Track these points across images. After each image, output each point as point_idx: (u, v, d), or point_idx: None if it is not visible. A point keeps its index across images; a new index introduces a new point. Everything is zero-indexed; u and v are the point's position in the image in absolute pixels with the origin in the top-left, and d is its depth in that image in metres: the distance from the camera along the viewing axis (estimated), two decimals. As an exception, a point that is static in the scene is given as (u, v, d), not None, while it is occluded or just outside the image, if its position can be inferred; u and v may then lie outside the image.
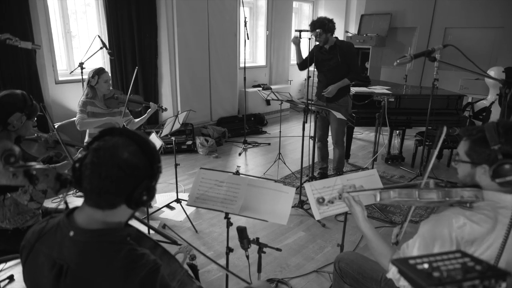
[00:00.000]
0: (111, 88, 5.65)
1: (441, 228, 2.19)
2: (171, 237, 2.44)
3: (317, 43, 6.40)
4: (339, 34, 12.72)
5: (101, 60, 8.36)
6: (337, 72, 6.37)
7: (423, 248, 2.25)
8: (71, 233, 1.75)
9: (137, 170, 1.71)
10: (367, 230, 2.52)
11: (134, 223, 1.95)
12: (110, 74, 8.01)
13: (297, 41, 6.38)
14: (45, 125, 5.87)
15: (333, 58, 6.37)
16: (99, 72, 5.43)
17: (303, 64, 6.61)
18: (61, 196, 6.07)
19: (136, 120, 5.87)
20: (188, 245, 2.47)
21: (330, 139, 6.90)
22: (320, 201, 2.67)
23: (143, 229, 2.26)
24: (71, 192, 6.15)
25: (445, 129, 2.27)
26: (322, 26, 6.13)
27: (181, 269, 1.97)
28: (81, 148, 3.86)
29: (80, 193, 2.09)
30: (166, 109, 5.98)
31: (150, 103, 5.76)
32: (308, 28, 6.28)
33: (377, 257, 2.48)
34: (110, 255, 1.71)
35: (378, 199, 2.38)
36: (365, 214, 2.55)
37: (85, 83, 5.60)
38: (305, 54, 6.60)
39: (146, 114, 5.79)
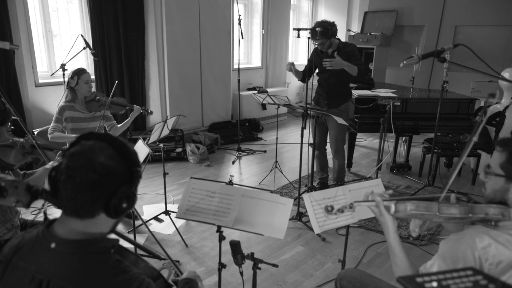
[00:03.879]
0: (93, 90, 5.65)
1: (463, 248, 2.13)
2: (155, 251, 2.45)
3: (317, 46, 6.38)
4: (341, 33, 12.76)
5: (85, 61, 8.38)
6: (340, 78, 6.33)
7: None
8: (53, 245, 1.76)
9: (114, 174, 1.74)
10: (396, 244, 2.43)
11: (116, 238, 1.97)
12: (93, 76, 8.04)
13: (292, 67, 6.40)
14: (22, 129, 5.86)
15: None
16: (79, 72, 5.42)
17: (304, 78, 6.64)
18: (41, 207, 6.07)
19: (119, 125, 5.88)
20: (171, 261, 2.49)
21: (328, 147, 6.90)
22: (329, 210, 2.49)
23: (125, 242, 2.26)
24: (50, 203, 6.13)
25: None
26: (324, 33, 6.06)
27: (167, 285, 2.00)
28: (60, 152, 3.87)
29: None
30: (151, 113, 5.99)
31: (134, 105, 5.77)
32: (307, 26, 6.28)
33: (399, 275, 2.39)
34: (95, 267, 1.73)
35: (392, 210, 2.33)
36: (396, 226, 2.44)
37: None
38: (303, 58, 6.58)
39: (129, 118, 5.81)
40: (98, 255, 1.76)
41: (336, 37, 6.32)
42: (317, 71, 6.61)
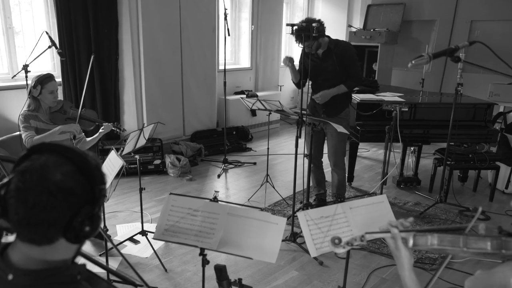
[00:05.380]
0: (58, 98, 5.62)
1: None
2: (129, 277, 2.44)
3: (304, 48, 6.32)
4: (341, 30, 12.82)
5: (50, 61, 8.41)
6: (336, 81, 6.33)
7: None
8: (10, 277, 1.67)
9: (72, 195, 1.65)
10: (412, 285, 2.30)
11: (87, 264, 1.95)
12: (60, 79, 8.02)
13: (290, 63, 6.36)
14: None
15: (329, 66, 6.33)
16: (42, 81, 5.37)
17: (300, 81, 6.62)
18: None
19: (88, 139, 5.90)
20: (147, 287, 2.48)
21: (326, 159, 6.93)
22: (336, 243, 2.41)
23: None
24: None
25: (480, 210, 2.19)
26: (308, 34, 5.93)
27: None
28: None
29: None
30: (124, 130, 6.01)
31: (104, 123, 5.78)
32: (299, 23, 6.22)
33: None
34: None
35: (410, 244, 2.25)
36: (412, 262, 2.33)
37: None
38: (297, 58, 6.56)
39: (97, 134, 5.85)
40: (63, 285, 1.70)
41: (326, 35, 6.31)
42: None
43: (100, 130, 5.78)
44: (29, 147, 5.07)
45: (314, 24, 5.86)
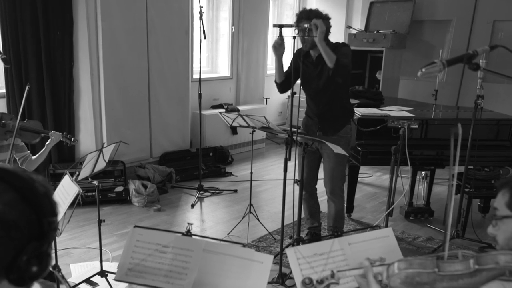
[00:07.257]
0: (2, 110, 5.64)
1: None
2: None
3: (302, 47, 6.27)
4: (339, 31, 12.84)
5: (-7, 70, 8.36)
6: (331, 94, 6.27)
7: None
8: None
9: (15, 229, 1.61)
10: None
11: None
12: (4, 90, 7.99)
13: (280, 49, 6.15)
14: None
15: (323, 73, 6.18)
16: None
17: (284, 84, 6.56)
18: None
19: (34, 156, 5.89)
20: None
21: (321, 186, 6.91)
22: (306, 282, 2.49)
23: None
24: None
25: (460, 128, 2.27)
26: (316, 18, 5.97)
27: None
28: None
29: None
30: (75, 141, 6.00)
31: (50, 132, 5.77)
32: (292, 22, 6.18)
33: None
34: None
35: (384, 276, 2.36)
36: None
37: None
38: (285, 64, 6.49)
39: (44, 148, 5.85)
40: None
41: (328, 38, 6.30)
42: (299, 81, 6.42)
43: (47, 142, 5.79)
44: None
45: (306, 25, 5.87)
